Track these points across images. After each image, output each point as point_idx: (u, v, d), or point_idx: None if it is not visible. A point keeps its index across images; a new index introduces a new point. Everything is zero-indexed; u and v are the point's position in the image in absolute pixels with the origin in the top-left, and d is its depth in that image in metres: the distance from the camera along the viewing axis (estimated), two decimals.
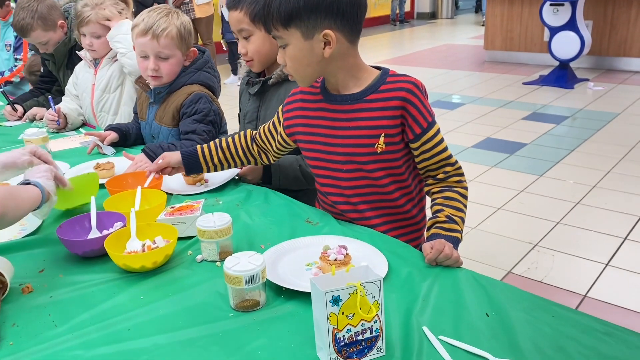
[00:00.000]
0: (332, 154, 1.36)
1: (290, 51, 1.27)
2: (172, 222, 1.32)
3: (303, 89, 1.43)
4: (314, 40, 1.24)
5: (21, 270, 1.20)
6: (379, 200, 1.36)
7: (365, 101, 1.30)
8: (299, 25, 1.23)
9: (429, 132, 1.29)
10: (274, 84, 1.69)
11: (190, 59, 1.94)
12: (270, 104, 1.71)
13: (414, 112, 1.27)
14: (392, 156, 1.31)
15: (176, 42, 1.84)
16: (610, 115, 4.91)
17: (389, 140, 1.29)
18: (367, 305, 0.86)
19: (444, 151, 1.32)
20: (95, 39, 2.30)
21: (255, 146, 1.56)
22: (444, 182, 1.33)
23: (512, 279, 2.50)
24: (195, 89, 1.90)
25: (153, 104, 1.99)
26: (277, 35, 1.27)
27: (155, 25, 1.80)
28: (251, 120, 1.77)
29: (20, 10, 2.49)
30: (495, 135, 4.55)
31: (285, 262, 1.18)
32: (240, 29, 1.64)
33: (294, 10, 1.21)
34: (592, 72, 6.60)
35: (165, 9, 1.86)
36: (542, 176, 3.66)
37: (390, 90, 1.28)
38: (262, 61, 1.69)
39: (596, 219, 3.03)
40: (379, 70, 1.33)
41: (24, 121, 2.61)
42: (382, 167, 1.32)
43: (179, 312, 1.04)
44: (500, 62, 7.47)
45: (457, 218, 1.27)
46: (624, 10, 6.38)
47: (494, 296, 1.03)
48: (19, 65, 3.75)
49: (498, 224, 3.03)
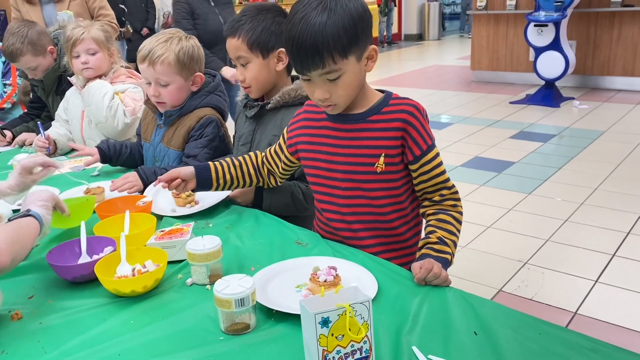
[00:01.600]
0: (332, 171, 1.37)
1: (346, 79, 1.24)
2: (161, 246, 1.32)
3: (308, 108, 1.45)
4: (363, 59, 1.25)
5: (10, 297, 1.19)
6: (374, 221, 1.37)
7: (367, 121, 1.31)
8: (355, 50, 1.22)
9: (428, 154, 1.30)
10: (272, 109, 1.70)
11: (197, 84, 1.91)
12: (266, 128, 1.71)
13: (415, 134, 1.29)
14: (391, 177, 1.32)
15: (174, 69, 1.81)
16: (596, 133, 4.99)
17: (389, 160, 1.30)
18: (357, 326, 0.86)
19: (442, 174, 1.33)
20: (91, 55, 2.31)
21: (265, 167, 1.57)
22: (440, 205, 1.34)
23: (502, 297, 2.51)
24: (207, 113, 1.90)
25: (161, 126, 1.99)
26: (333, 69, 1.20)
27: (152, 52, 1.79)
28: (245, 143, 1.77)
29: (10, 36, 2.51)
30: (484, 154, 4.59)
31: (275, 284, 1.19)
32: (238, 56, 1.65)
33: (353, 35, 1.19)
34: (577, 90, 6.71)
35: (167, 35, 1.84)
36: (530, 194, 3.70)
37: (392, 112, 1.30)
38: (260, 88, 1.70)
39: (585, 236, 3.06)
40: (382, 93, 1.35)
41: (13, 146, 2.61)
42: (380, 188, 1.33)
43: (170, 336, 1.03)
44: (487, 81, 7.58)
45: (449, 241, 1.28)
46: (606, 31, 6.52)
47: (482, 315, 1.04)
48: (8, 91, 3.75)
49: (487, 243, 3.05)
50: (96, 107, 2.27)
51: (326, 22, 1.16)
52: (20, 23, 2.60)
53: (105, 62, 2.36)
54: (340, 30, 1.17)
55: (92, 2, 3.43)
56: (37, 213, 1.26)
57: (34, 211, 1.26)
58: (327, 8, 1.18)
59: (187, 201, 1.66)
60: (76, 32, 2.28)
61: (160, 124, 1.97)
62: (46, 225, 1.28)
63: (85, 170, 2.10)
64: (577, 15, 6.50)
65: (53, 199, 1.36)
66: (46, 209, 1.30)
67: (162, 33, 1.86)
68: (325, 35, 1.16)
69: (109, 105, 2.26)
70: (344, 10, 1.18)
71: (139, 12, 6.48)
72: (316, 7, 1.18)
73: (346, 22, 1.18)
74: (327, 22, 1.17)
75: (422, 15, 13.90)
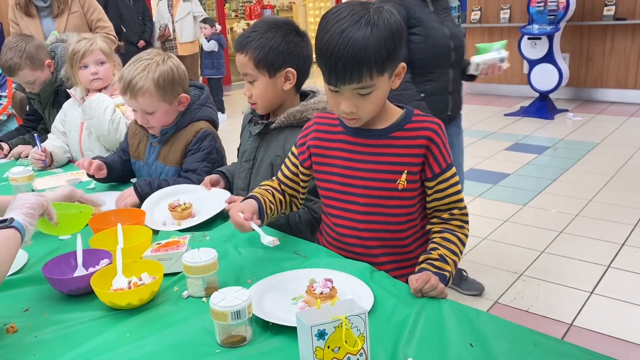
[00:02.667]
0: (350, 186, 1.34)
1: (377, 95, 1.23)
2: (157, 258, 1.32)
3: (318, 120, 1.43)
4: (393, 76, 1.25)
5: (5, 310, 1.19)
6: (389, 239, 1.36)
7: (390, 137, 1.30)
8: (392, 66, 1.21)
9: (446, 172, 1.30)
10: (276, 129, 1.70)
11: (183, 104, 1.90)
12: (270, 146, 1.70)
13: (436, 152, 1.28)
14: (410, 194, 1.31)
15: (156, 97, 1.80)
16: (590, 145, 5.02)
17: (410, 177, 1.29)
18: (353, 338, 0.87)
19: (457, 194, 1.33)
20: (100, 65, 2.34)
21: (287, 195, 1.50)
22: (447, 224, 1.33)
23: (498, 309, 2.51)
24: (202, 126, 1.90)
25: (155, 145, 1.97)
26: (369, 84, 1.19)
27: (132, 84, 1.77)
28: (248, 159, 1.75)
29: (8, 50, 2.51)
30: (479, 166, 4.61)
31: (272, 297, 1.19)
32: (245, 73, 1.64)
33: (391, 51, 1.18)
34: (571, 103, 6.76)
35: (145, 60, 1.81)
36: (525, 206, 3.72)
37: (416, 129, 1.29)
38: (266, 106, 1.69)
39: (580, 248, 3.07)
40: (402, 109, 1.34)
41: (9, 159, 2.60)
42: (400, 205, 1.32)
43: (166, 349, 1.03)
44: (482, 94, 7.62)
45: (450, 260, 1.27)
46: (599, 44, 6.58)
47: (478, 326, 1.04)
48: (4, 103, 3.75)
49: (483, 254, 3.05)
50: (98, 121, 2.28)
51: (369, 37, 1.14)
52: (18, 37, 2.61)
53: (111, 73, 2.38)
54: (381, 46, 1.15)
55: (90, 15, 3.45)
56: (20, 223, 1.19)
57: (17, 221, 1.19)
58: (370, 22, 1.15)
59: (183, 215, 1.66)
60: (83, 44, 2.31)
61: (154, 142, 1.97)
62: (28, 236, 1.22)
63: (82, 183, 2.11)
64: (571, 28, 6.57)
65: (41, 206, 1.29)
66: (31, 217, 1.24)
67: (139, 59, 1.83)
68: (367, 50, 1.14)
69: (111, 119, 2.27)
70: (385, 26, 1.16)
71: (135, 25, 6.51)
72: (358, 20, 1.15)
73: (387, 37, 1.16)
74: (370, 37, 1.14)
75: None
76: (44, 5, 3.35)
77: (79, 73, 2.35)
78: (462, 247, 1.32)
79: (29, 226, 1.22)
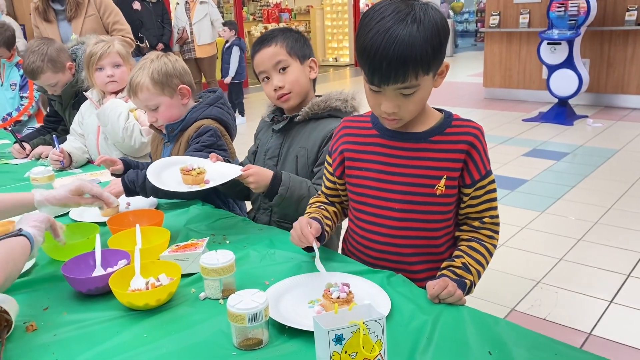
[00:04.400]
0: (385, 191, 1.31)
1: (420, 95, 1.19)
2: (175, 259, 1.33)
3: (348, 124, 1.41)
4: (437, 75, 1.21)
5: (26, 309, 1.20)
6: (426, 246, 1.32)
7: (430, 142, 1.27)
8: (436, 66, 1.18)
9: (485, 179, 1.27)
10: (300, 122, 1.71)
11: (187, 96, 1.93)
12: (294, 141, 1.71)
13: (477, 158, 1.26)
14: (447, 200, 1.28)
15: (154, 91, 1.85)
16: (610, 152, 4.95)
17: (449, 183, 1.26)
18: (370, 344, 0.86)
19: (492, 201, 1.30)
20: (116, 68, 2.37)
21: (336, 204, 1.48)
22: (476, 232, 1.30)
23: (515, 316, 2.48)
24: (204, 123, 1.92)
25: (168, 144, 2.01)
26: (413, 84, 1.16)
27: (131, 83, 1.86)
28: (273, 156, 1.76)
29: (31, 54, 2.56)
30: (497, 172, 4.57)
31: (288, 299, 1.19)
32: (277, 62, 1.65)
33: (437, 50, 1.14)
34: (591, 109, 6.68)
35: (142, 61, 1.89)
36: (543, 212, 3.67)
37: (457, 133, 1.26)
38: (301, 92, 1.69)
39: (599, 256, 3.03)
40: (441, 113, 1.31)
41: (30, 159, 2.64)
42: (437, 211, 1.28)
43: (182, 351, 1.04)
44: (500, 99, 7.57)
45: (474, 269, 1.25)
46: (620, 49, 6.50)
47: (496, 334, 1.03)
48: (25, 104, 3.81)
49: (500, 261, 3.02)
50: (112, 128, 2.31)
51: (416, 36, 1.10)
52: (40, 41, 2.65)
53: (127, 76, 2.40)
54: (428, 45, 1.11)
55: (106, 18, 3.48)
56: (29, 233, 1.23)
57: (26, 231, 1.23)
58: (417, 20, 1.11)
59: (196, 180, 1.56)
60: (101, 46, 2.34)
61: (167, 142, 2.00)
62: (36, 247, 1.24)
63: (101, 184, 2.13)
64: (591, 33, 6.49)
65: (47, 221, 1.33)
66: (39, 230, 1.27)
67: (138, 62, 1.92)
68: (414, 49, 1.10)
69: (124, 127, 2.29)
70: (431, 24, 1.12)
71: (154, 28, 6.58)
72: (404, 18, 1.11)
73: (434, 36, 1.12)
74: (417, 35, 1.10)
75: None
76: (61, 8, 3.40)
77: (94, 75, 2.38)
78: (489, 258, 1.29)
79: (38, 237, 1.26)
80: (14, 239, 1.20)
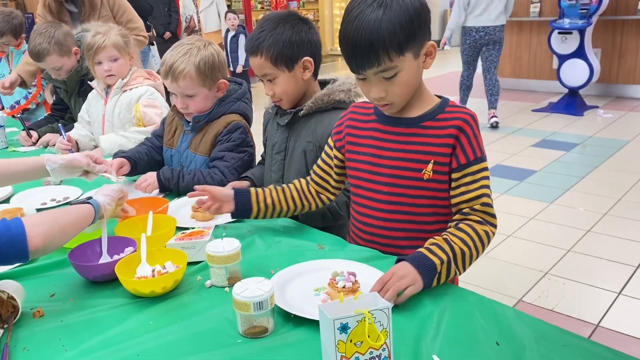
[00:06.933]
0: (376, 174, 1.33)
1: (403, 77, 1.20)
2: (181, 247, 1.33)
3: (355, 109, 1.42)
4: (421, 56, 1.22)
5: (33, 295, 1.20)
6: (416, 230, 1.32)
7: (420, 127, 1.28)
8: (412, 46, 1.18)
9: (473, 166, 1.24)
10: (305, 115, 1.69)
11: (222, 90, 1.90)
12: (300, 134, 1.70)
13: (465, 142, 1.24)
14: (437, 185, 1.27)
15: (197, 81, 1.81)
16: (620, 143, 4.90)
17: (437, 168, 1.25)
18: (376, 333, 0.86)
19: (483, 188, 1.24)
20: (113, 62, 2.35)
21: (312, 188, 1.51)
22: (465, 217, 1.25)
23: (522, 307, 2.47)
24: (234, 119, 1.90)
25: (188, 133, 1.99)
26: (389, 67, 1.17)
27: (173, 67, 1.78)
28: (280, 150, 1.75)
29: (37, 36, 2.55)
30: (506, 162, 4.54)
31: (294, 287, 1.18)
32: (264, 74, 1.63)
33: (410, 31, 1.15)
34: (602, 99, 6.61)
35: (186, 46, 1.82)
36: (552, 203, 3.65)
37: (448, 119, 1.26)
38: (291, 100, 1.68)
39: (608, 247, 3.01)
40: (439, 98, 1.31)
41: (37, 147, 2.65)
42: (425, 196, 1.28)
43: (188, 338, 1.04)
44: (510, 89, 7.50)
45: (457, 248, 1.18)
46: (632, 39, 6.41)
47: (504, 324, 1.02)
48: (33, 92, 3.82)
49: (508, 252, 3.01)
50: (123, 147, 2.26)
51: (381, 18, 1.13)
52: (47, 24, 2.65)
53: (126, 67, 2.41)
54: (396, 26, 1.14)
55: (119, 17, 3.45)
56: (96, 201, 1.33)
57: (94, 200, 1.33)
58: (383, 4, 1.15)
59: (205, 217, 1.59)
60: (97, 39, 2.30)
61: (187, 130, 1.98)
62: (105, 213, 1.34)
63: None
64: (603, 22, 6.40)
65: (120, 191, 1.44)
66: (110, 198, 1.38)
67: (180, 44, 1.84)
68: (380, 31, 1.13)
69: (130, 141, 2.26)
70: (400, 6, 1.15)
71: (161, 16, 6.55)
72: (371, 3, 1.16)
73: (402, 17, 1.14)
74: (383, 17, 1.13)
75: (444, 22, 13.83)
76: (76, 10, 3.38)
77: (94, 67, 2.38)
78: (477, 242, 1.21)
79: (106, 205, 1.36)
80: (74, 206, 1.29)
